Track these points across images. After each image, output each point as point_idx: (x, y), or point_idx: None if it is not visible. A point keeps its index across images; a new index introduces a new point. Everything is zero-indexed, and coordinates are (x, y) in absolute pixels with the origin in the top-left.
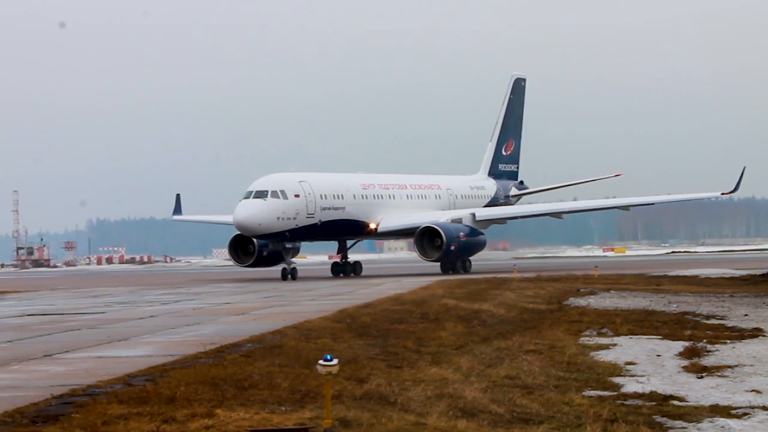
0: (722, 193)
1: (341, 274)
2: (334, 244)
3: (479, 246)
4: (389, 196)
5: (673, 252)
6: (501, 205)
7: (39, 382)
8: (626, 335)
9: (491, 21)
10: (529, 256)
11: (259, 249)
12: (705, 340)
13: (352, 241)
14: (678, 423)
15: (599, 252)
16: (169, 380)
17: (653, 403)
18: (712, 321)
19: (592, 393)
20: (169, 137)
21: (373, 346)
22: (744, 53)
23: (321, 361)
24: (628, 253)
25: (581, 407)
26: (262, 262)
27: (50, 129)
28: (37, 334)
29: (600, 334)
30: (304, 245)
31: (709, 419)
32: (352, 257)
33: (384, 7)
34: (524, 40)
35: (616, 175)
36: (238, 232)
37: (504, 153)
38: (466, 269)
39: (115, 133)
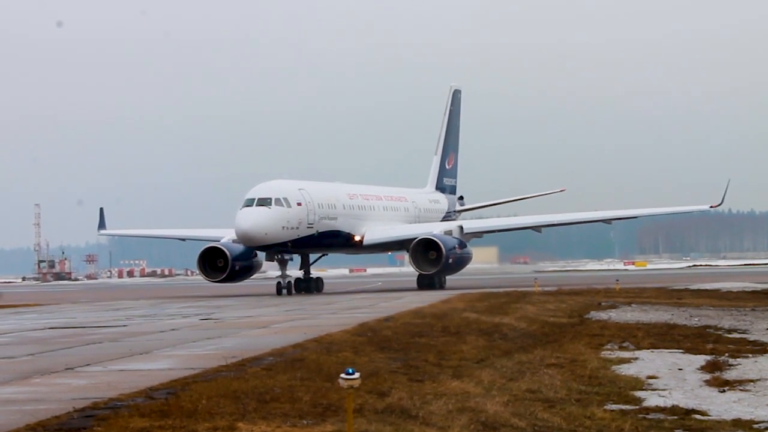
0: (711, 206)
1: (303, 291)
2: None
3: (469, 259)
4: (370, 207)
5: (694, 265)
6: (451, 219)
7: (61, 395)
8: (648, 349)
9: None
10: (550, 269)
11: (232, 263)
12: (727, 354)
13: (316, 256)
14: None
15: (620, 265)
16: (190, 393)
17: (675, 417)
18: (734, 335)
19: (614, 407)
20: (188, 153)
21: (394, 360)
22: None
23: (343, 375)
24: (649, 266)
25: (603, 421)
26: (235, 276)
27: (72, 143)
28: (58, 347)
29: (621, 348)
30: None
31: None
32: (375, 270)
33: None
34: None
35: (561, 191)
36: (208, 246)
37: (447, 167)
38: (442, 285)
39: (136, 147)
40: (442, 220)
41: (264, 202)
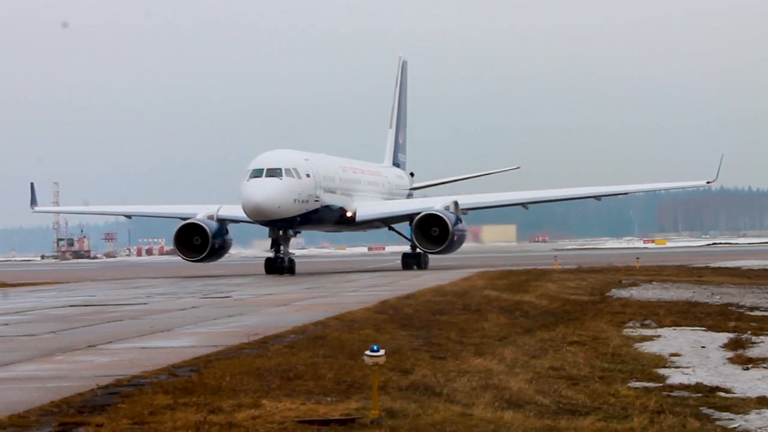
0: (707, 182)
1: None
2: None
3: (466, 237)
4: (358, 181)
5: (713, 243)
6: (411, 197)
7: (84, 372)
8: (670, 327)
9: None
10: (569, 247)
11: (212, 240)
12: (749, 332)
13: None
14: (725, 414)
15: (640, 243)
16: (213, 371)
17: (699, 395)
18: (756, 312)
19: (638, 384)
20: (205, 135)
21: (416, 338)
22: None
23: (367, 352)
24: (668, 244)
25: (627, 398)
26: (214, 254)
27: (91, 125)
28: (80, 324)
29: (643, 326)
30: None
31: (756, 411)
32: (395, 248)
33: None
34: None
35: (516, 168)
36: (184, 223)
37: (399, 141)
38: (426, 264)
39: (157, 130)
40: (406, 197)
41: (274, 172)
